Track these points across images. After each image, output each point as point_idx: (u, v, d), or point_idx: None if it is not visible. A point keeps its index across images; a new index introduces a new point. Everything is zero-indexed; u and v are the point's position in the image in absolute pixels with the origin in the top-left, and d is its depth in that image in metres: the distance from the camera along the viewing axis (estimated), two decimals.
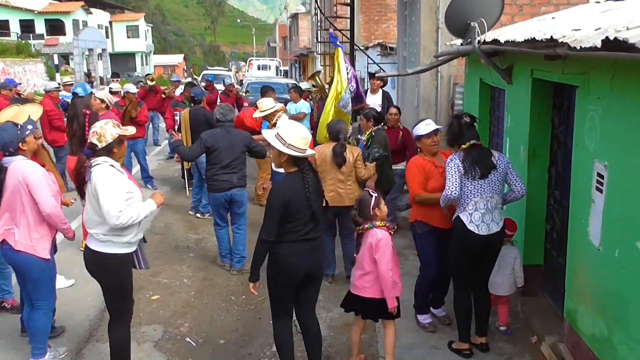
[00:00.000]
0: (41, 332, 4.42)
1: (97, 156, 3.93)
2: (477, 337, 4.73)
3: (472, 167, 4.43)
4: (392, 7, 19.64)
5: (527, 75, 4.96)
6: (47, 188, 4.25)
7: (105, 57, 49.14)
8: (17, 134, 4.26)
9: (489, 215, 4.45)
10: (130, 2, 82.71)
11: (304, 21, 43.90)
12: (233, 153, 6.38)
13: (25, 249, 4.23)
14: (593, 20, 4.14)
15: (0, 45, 29.57)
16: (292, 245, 4.03)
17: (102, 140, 3.91)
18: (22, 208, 4.21)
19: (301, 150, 3.94)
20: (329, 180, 5.86)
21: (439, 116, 9.39)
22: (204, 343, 5.12)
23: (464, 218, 4.47)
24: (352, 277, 4.41)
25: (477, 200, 4.43)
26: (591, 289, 3.86)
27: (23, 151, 4.30)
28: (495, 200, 4.47)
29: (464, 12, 5.60)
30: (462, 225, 4.47)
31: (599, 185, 3.69)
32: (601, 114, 3.68)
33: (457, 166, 4.47)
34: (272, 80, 18.40)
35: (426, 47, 9.50)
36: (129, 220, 3.84)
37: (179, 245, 7.63)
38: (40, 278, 4.33)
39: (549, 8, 8.23)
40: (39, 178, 4.22)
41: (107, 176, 3.86)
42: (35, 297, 4.38)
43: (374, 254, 4.15)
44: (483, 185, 4.43)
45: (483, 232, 4.44)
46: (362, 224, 4.24)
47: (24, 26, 43.26)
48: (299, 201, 3.97)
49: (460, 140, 4.53)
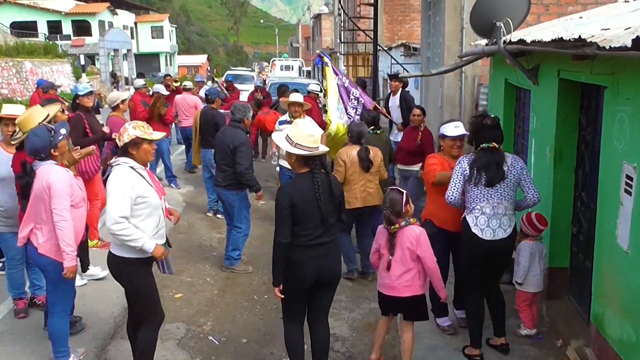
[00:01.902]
0: (59, 336, 4.35)
1: (119, 155, 3.93)
2: (497, 339, 4.69)
3: (478, 174, 4.35)
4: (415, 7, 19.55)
5: (554, 76, 4.90)
6: (66, 199, 4.11)
7: (130, 58, 49.69)
8: (50, 139, 4.15)
9: (496, 221, 4.37)
10: (155, 3, 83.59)
11: (327, 22, 43.91)
12: (221, 152, 6.48)
13: (48, 253, 4.17)
14: (622, 19, 4.08)
15: (28, 46, 30.00)
16: (301, 250, 3.94)
17: (121, 139, 3.90)
18: (46, 213, 4.13)
19: (310, 148, 3.86)
20: (360, 182, 5.99)
21: (463, 117, 9.32)
22: (227, 341, 5.15)
23: (469, 220, 4.44)
24: (383, 279, 4.31)
25: (483, 205, 4.37)
26: (619, 293, 3.80)
27: (54, 156, 4.20)
28: (504, 207, 4.38)
29: (489, 11, 5.55)
30: (467, 227, 4.45)
31: (628, 188, 3.63)
32: (631, 114, 3.61)
33: (462, 170, 4.42)
34: (294, 81, 18.39)
35: (450, 48, 9.44)
36: (122, 233, 3.76)
37: (202, 244, 7.69)
38: (59, 281, 4.24)
39: (577, 7, 8.11)
40: (61, 186, 4.10)
41: (120, 178, 3.82)
42: (51, 301, 4.35)
43: (416, 250, 4.13)
44: (490, 192, 4.35)
45: (487, 237, 4.37)
46: (396, 222, 4.19)
47: (51, 27, 43.93)
48: (307, 203, 3.87)
49: (478, 140, 4.45)
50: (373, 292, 5.92)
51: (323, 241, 3.99)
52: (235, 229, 6.63)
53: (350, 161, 5.99)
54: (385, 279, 4.28)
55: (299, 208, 3.86)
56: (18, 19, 42.44)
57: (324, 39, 43.12)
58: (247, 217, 6.70)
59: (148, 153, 3.99)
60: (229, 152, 6.36)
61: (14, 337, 4.88)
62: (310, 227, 3.92)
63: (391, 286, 4.25)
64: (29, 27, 41.64)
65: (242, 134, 6.45)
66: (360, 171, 5.99)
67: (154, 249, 3.90)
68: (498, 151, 4.39)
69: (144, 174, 3.96)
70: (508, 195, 4.39)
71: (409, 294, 4.21)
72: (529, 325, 4.91)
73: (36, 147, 4.13)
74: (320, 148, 3.91)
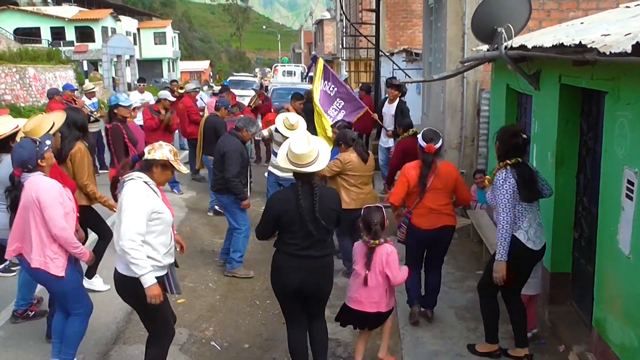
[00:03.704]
0: (75, 338, 4.37)
1: (137, 169, 3.86)
2: (519, 350, 4.59)
3: (527, 193, 4.27)
4: (417, 13, 19.56)
5: (555, 81, 4.91)
6: (59, 208, 4.11)
7: (133, 64, 49.82)
8: (36, 150, 4.15)
9: (539, 229, 4.41)
10: (157, 9, 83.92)
11: (329, 27, 44.00)
12: (215, 157, 6.68)
13: (40, 265, 4.13)
14: (623, 25, 4.09)
15: (31, 52, 30.07)
16: (284, 257, 4.06)
17: (152, 152, 3.84)
18: (35, 225, 4.09)
19: (296, 164, 3.99)
20: (358, 183, 6.22)
21: (465, 122, 9.32)
22: (229, 347, 5.16)
23: (521, 237, 4.31)
24: (353, 292, 4.36)
25: (530, 217, 4.35)
26: (620, 298, 3.79)
27: (42, 167, 4.19)
28: (539, 213, 4.45)
29: (491, 17, 5.56)
30: (521, 245, 4.30)
31: (629, 192, 3.63)
32: (631, 120, 3.62)
33: (512, 185, 4.25)
34: (296, 86, 18.41)
35: (452, 53, 9.44)
36: (133, 254, 3.65)
37: (204, 249, 7.70)
38: (63, 292, 4.27)
39: (578, 13, 8.11)
40: (51, 197, 4.08)
41: (136, 194, 3.75)
42: (70, 308, 4.34)
43: (385, 269, 4.22)
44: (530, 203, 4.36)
45: (537, 248, 4.39)
46: (379, 237, 4.28)
47: (54, 33, 44.06)
48: (293, 214, 3.96)
49: (509, 155, 4.35)
50: None
51: (310, 254, 4.03)
52: (235, 231, 6.71)
53: (353, 166, 6.16)
54: (356, 293, 4.34)
55: (284, 217, 3.97)
56: (21, 25, 42.60)
57: (326, 45, 43.20)
58: (245, 218, 6.74)
59: (167, 179, 4.02)
60: (220, 158, 6.52)
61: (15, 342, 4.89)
62: (297, 237, 4.00)
63: (360, 301, 4.32)
64: (32, 33, 41.78)
65: (235, 142, 6.54)
66: (364, 172, 6.23)
67: (150, 285, 3.72)
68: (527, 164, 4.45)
69: (157, 191, 3.92)
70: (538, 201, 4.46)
71: (374, 310, 4.30)
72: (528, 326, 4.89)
73: (23, 159, 4.13)
74: (311, 167, 3.98)
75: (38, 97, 26.79)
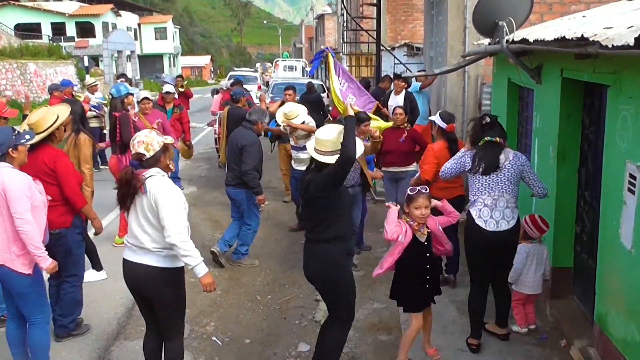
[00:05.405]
0: (41, 348, 4.18)
1: (147, 167, 3.75)
2: (498, 328, 4.85)
3: (478, 164, 4.53)
4: (418, 7, 19.50)
5: (557, 75, 4.88)
6: (26, 201, 3.92)
7: (134, 59, 49.73)
8: (12, 138, 3.99)
9: (499, 213, 4.49)
10: (158, 5, 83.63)
11: (330, 22, 43.91)
12: (230, 151, 6.67)
13: (5, 262, 3.94)
14: (625, 18, 4.05)
15: (32, 48, 30.05)
16: None
17: (150, 149, 3.72)
18: (1, 219, 3.91)
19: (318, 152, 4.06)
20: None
21: (466, 116, 9.29)
22: (230, 342, 5.15)
23: (473, 212, 4.57)
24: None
25: (484, 197, 4.51)
26: (623, 292, 3.78)
27: (11, 158, 3.99)
28: (505, 200, 4.50)
29: (492, 11, 5.54)
30: (471, 219, 4.57)
31: (631, 187, 3.62)
32: (634, 113, 3.60)
33: (463, 158, 4.67)
34: (298, 81, 18.39)
35: (453, 47, 9.41)
36: (184, 246, 3.65)
37: (205, 244, 7.68)
38: (26, 293, 4.04)
39: (580, 6, 8.07)
40: (19, 189, 3.90)
41: (170, 189, 3.72)
42: (27, 313, 4.11)
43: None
44: (490, 184, 4.50)
45: (490, 228, 4.48)
46: None
47: (55, 29, 43.98)
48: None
49: (479, 139, 4.61)
50: (376, 292, 5.93)
51: (309, 237, 4.18)
52: (245, 226, 6.80)
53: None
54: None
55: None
56: (22, 21, 42.58)
57: (327, 39, 43.11)
58: (257, 214, 6.89)
59: (172, 158, 3.92)
60: (237, 152, 6.51)
61: None
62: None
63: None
64: (32, 28, 41.75)
65: (251, 135, 6.60)
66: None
67: (204, 274, 3.80)
68: (499, 144, 4.53)
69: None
70: (509, 189, 4.51)
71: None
72: (520, 322, 5.02)
73: None
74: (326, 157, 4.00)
75: (39, 92, 26.77)
